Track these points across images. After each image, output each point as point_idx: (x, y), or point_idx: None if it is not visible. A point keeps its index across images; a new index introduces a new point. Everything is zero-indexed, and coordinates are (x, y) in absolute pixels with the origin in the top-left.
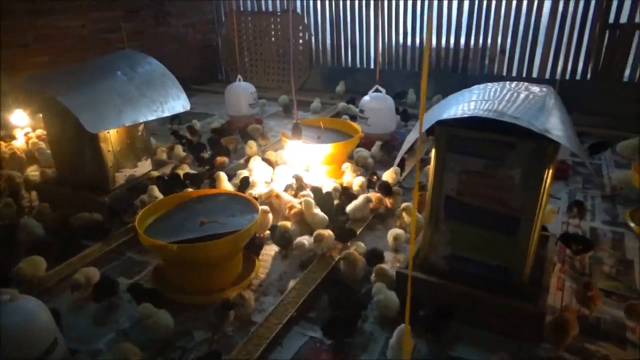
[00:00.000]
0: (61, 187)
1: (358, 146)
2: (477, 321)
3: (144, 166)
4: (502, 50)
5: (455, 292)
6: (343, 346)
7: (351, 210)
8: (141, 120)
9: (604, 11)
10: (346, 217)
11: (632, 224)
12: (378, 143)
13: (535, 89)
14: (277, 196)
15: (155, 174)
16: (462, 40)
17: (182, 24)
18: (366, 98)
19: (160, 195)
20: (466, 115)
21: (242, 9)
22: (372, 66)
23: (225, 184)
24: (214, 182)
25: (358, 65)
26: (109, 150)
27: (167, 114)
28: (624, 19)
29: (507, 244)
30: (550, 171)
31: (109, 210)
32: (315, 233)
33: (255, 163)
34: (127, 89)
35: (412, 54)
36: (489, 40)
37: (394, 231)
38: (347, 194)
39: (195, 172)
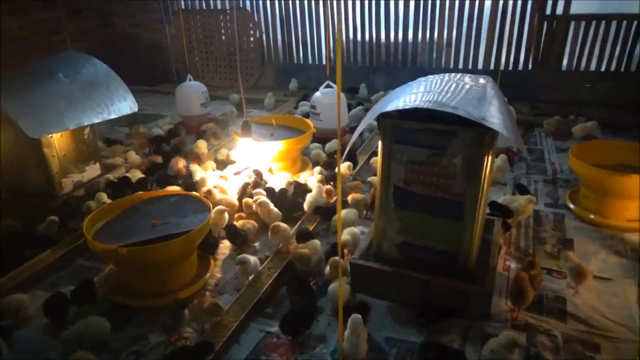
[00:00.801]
0: (4, 196)
1: (313, 142)
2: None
3: (93, 170)
4: (449, 44)
5: (406, 278)
6: (300, 339)
7: (309, 203)
8: (86, 123)
9: (541, 3)
10: (302, 212)
11: (571, 205)
12: (335, 141)
13: (476, 79)
14: (209, 192)
15: (109, 177)
16: (410, 35)
17: (128, 24)
18: (317, 94)
19: (109, 201)
20: (408, 107)
21: (190, 7)
22: (324, 62)
23: None
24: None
25: (310, 62)
26: (54, 156)
27: (113, 116)
28: (560, 10)
29: (453, 229)
30: (490, 157)
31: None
32: (271, 225)
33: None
34: (70, 92)
35: (363, 49)
36: (436, 34)
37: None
38: (301, 189)
39: (144, 175)
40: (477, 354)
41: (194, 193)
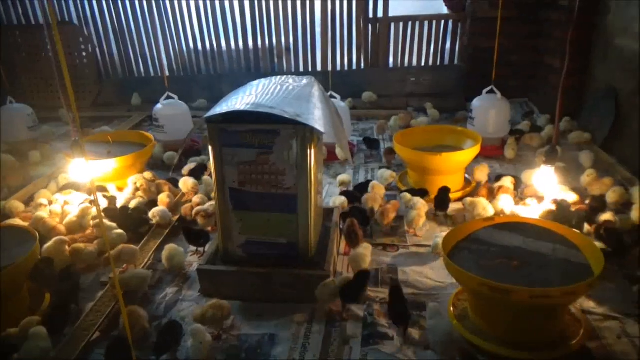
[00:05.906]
0: None
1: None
2: (276, 296)
3: None
4: (287, 48)
5: (253, 275)
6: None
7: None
8: None
9: (363, 7)
10: (149, 227)
11: (402, 187)
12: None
13: (299, 80)
14: (42, 219)
15: None
16: (250, 41)
17: None
18: (159, 106)
19: None
20: (225, 111)
21: (6, 22)
22: (168, 73)
23: None
24: None
25: (152, 74)
26: None
27: None
28: (380, 13)
29: (290, 222)
30: (314, 150)
31: None
32: (115, 251)
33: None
34: None
35: (205, 58)
36: (274, 40)
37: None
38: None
39: None
40: (322, 332)
41: (16, 223)
